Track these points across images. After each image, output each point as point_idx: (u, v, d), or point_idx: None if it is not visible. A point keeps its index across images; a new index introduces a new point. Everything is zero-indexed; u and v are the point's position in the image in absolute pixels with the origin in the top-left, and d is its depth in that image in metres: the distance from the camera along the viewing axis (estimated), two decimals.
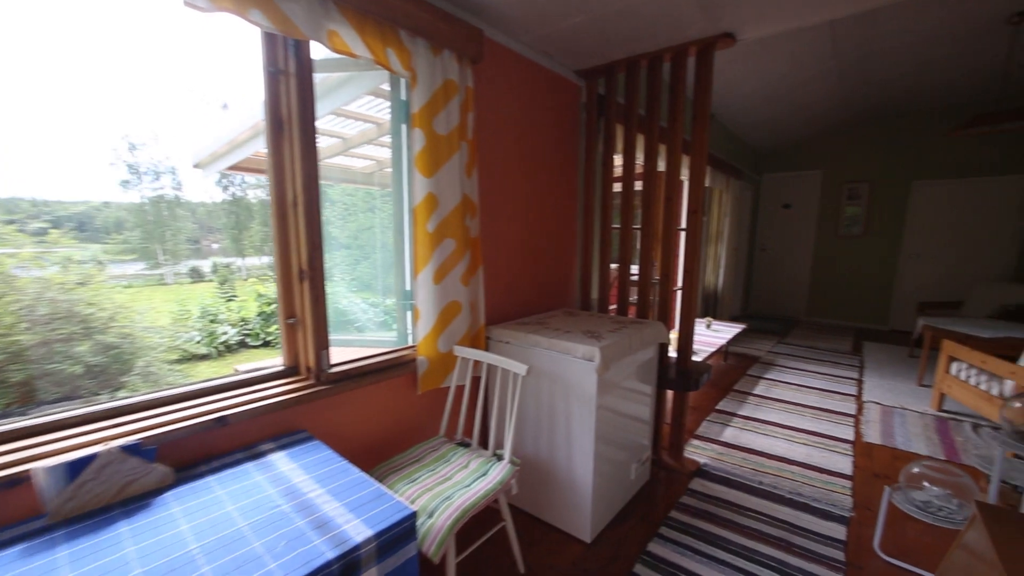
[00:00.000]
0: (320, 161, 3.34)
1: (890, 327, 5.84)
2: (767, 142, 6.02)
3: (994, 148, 5.00)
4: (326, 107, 2.35)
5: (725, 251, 5.21)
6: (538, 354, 1.89)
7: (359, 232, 3.47)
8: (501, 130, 2.13)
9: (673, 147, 2.23)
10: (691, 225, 2.22)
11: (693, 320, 2.29)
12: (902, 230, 5.63)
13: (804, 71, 3.99)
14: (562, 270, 2.64)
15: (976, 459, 1.64)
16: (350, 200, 4.43)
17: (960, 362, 2.95)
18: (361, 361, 1.69)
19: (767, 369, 4.12)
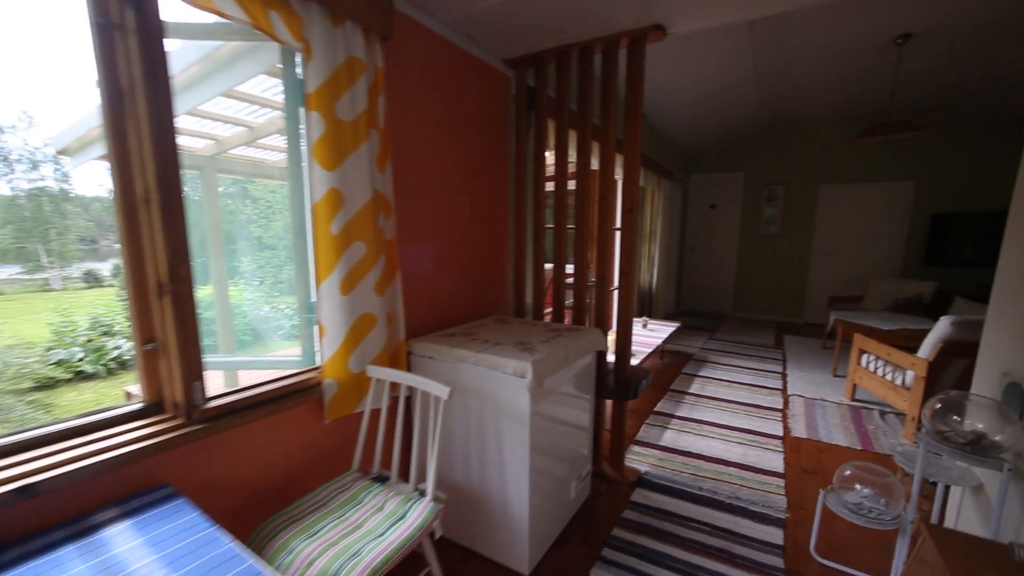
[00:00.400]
0: (223, 153, 2.86)
1: (804, 320, 6.28)
2: (694, 145, 6.24)
3: (886, 156, 5.50)
4: (215, 87, 2.00)
5: (658, 250, 5.31)
6: (465, 370, 1.69)
7: (286, 231, 3.08)
8: (422, 120, 1.91)
9: (606, 144, 2.12)
10: (627, 225, 2.13)
11: (631, 324, 2.20)
12: (813, 230, 6.06)
13: (726, 77, 4.12)
14: (494, 274, 2.46)
15: (900, 460, 1.66)
16: (273, 198, 3.96)
17: (869, 354, 3.13)
18: (251, 390, 1.40)
19: (701, 366, 4.21)
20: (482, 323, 2.14)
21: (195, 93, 2.05)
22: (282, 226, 3.10)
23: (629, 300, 2.17)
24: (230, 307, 2.93)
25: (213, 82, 1.99)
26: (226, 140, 2.84)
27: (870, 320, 3.96)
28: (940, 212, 5.30)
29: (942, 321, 2.53)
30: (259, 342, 3.39)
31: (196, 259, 1.30)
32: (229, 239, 3.72)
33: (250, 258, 3.91)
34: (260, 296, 3.82)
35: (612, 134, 2.10)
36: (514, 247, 2.52)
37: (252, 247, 3.75)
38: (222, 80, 1.96)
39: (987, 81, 4.33)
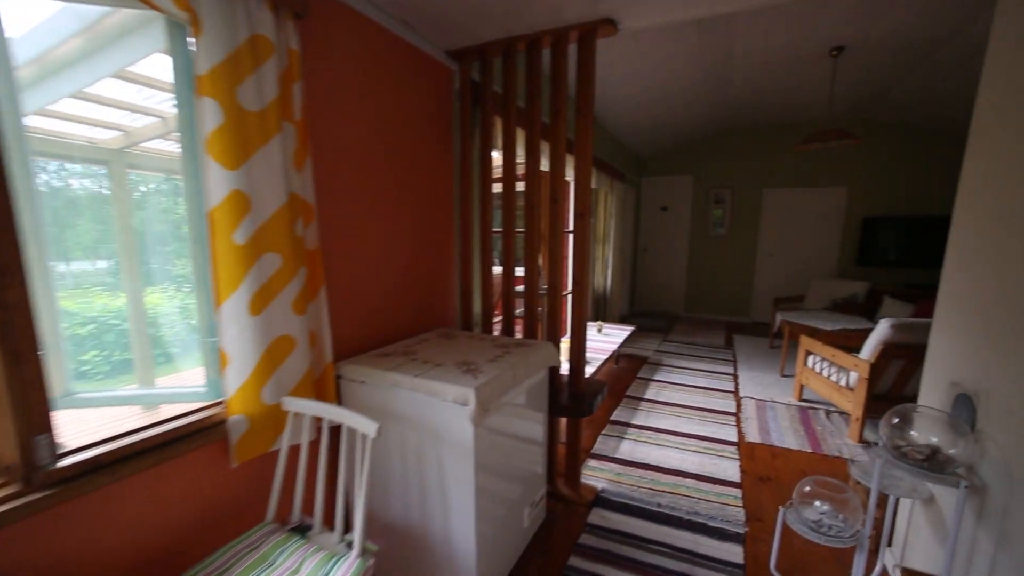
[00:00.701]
0: (133, 146, 2.49)
1: (752, 319, 6.49)
2: (646, 147, 6.31)
3: (823, 162, 5.77)
4: (103, 66, 1.69)
5: (612, 252, 5.29)
6: (401, 397, 1.50)
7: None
8: (351, 114, 1.69)
9: (557, 144, 1.99)
10: (579, 230, 2.00)
11: (584, 335, 2.08)
12: (758, 232, 6.27)
13: (676, 81, 4.14)
14: (438, 283, 2.27)
15: (857, 474, 1.63)
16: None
17: (815, 356, 3.20)
18: (126, 437, 1.14)
19: (655, 370, 4.20)
20: (424, 339, 1.95)
21: (79, 72, 1.73)
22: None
23: (582, 309, 2.05)
24: (147, 319, 2.56)
25: (100, 60, 1.68)
26: (136, 132, 2.48)
27: (813, 320, 4.09)
28: (870, 216, 5.61)
29: (882, 324, 2.59)
30: (171, 363, 3.01)
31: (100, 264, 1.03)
32: (161, 240, 3.31)
33: (184, 261, 3.49)
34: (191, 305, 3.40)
35: (562, 133, 1.97)
36: (460, 253, 2.34)
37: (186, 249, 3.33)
38: (111, 58, 1.65)
39: (903, 96, 4.62)
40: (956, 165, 4.75)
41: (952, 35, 3.39)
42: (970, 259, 1.42)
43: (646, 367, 4.30)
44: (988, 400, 1.25)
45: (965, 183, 1.49)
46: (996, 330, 1.25)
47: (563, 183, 2.01)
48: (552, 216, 2.03)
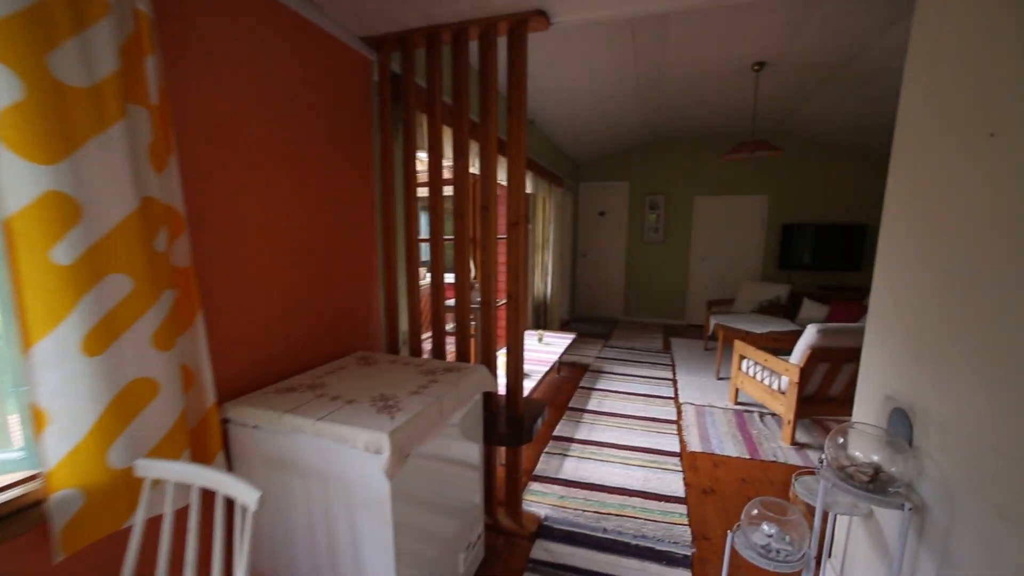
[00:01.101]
0: None
1: (687, 322, 6.71)
2: (583, 153, 6.33)
3: (747, 172, 6.09)
4: None
5: (551, 258, 5.21)
6: (303, 444, 1.24)
7: None
8: (244, 103, 1.41)
9: (487, 145, 1.81)
10: (513, 239, 1.83)
11: (521, 353, 1.91)
12: (690, 237, 6.50)
13: (611, 86, 4.13)
14: (359, 299, 2.00)
15: (803, 494, 1.58)
16: None
17: (749, 360, 3.27)
18: None
19: (597, 378, 4.14)
20: (340, 366, 1.68)
21: None
22: None
23: (519, 326, 1.88)
24: None
25: None
26: None
27: (743, 324, 4.24)
28: (788, 223, 5.99)
29: (809, 330, 2.67)
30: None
31: None
32: None
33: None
34: None
35: (493, 133, 1.79)
36: (383, 265, 2.09)
37: None
38: None
39: (812, 114, 4.96)
40: (861, 177, 5.13)
41: (850, 60, 3.64)
42: (895, 275, 1.42)
43: (588, 375, 4.24)
44: (924, 416, 1.23)
45: (891, 199, 1.49)
46: (926, 347, 1.23)
47: (496, 187, 1.83)
48: (484, 223, 1.84)
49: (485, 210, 1.83)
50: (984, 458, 1.02)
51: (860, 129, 5.13)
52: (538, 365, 3.39)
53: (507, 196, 1.83)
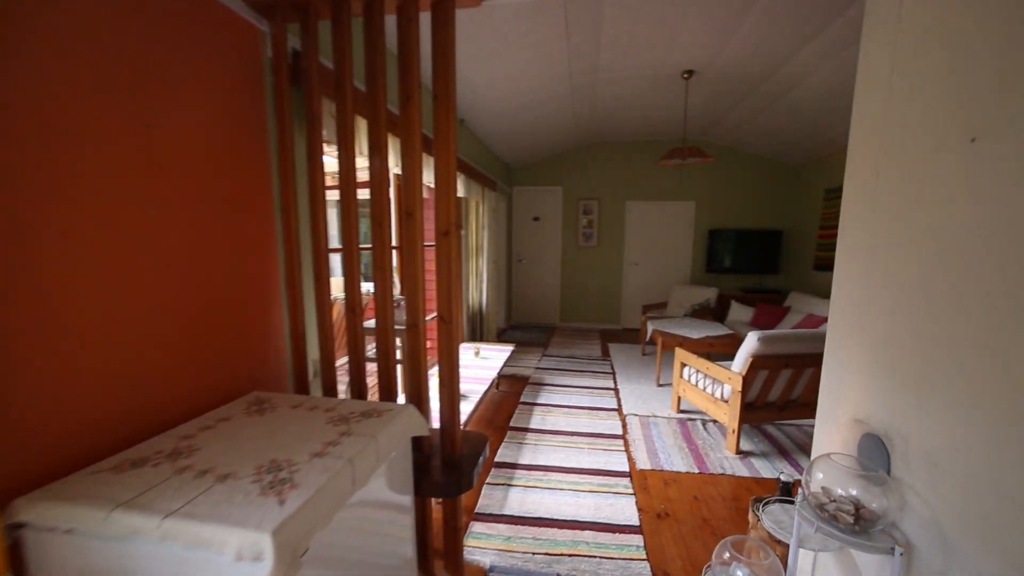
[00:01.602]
0: None
1: (622, 326, 6.77)
2: (516, 156, 6.17)
3: (675, 178, 6.27)
4: None
5: (487, 265, 4.97)
6: (143, 555, 0.87)
7: None
8: (74, 71, 1.00)
9: (409, 140, 1.51)
10: (444, 250, 1.55)
11: (456, 383, 1.63)
12: (623, 242, 6.57)
13: (545, 88, 3.98)
14: (252, 324, 1.61)
15: (768, 523, 1.45)
16: None
17: (690, 367, 3.23)
18: None
19: (538, 391, 3.95)
20: (223, 416, 1.30)
21: None
22: None
23: (452, 352, 1.60)
24: None
25: None
26: None
27: (680, 329, 4.26)
28: (713, 228, 6.24)
29: (750, 338, 2.65)
30: None
31: None
32: None
33: None
34: None
35: (416, 127, 1.50)
36: (285, 282, 1.72)
37: None
38: None
39: (733, 124, 5.19)
40: (775, 186, 5.40)
41: (770, 73, 3.79)
42: (858, 289, 1.33)
43: (528, 388, 4.03)
44: (904, 446, 1.12)
45: (849, 207, 1.41)
46: (903, 369, 1.13)
47: (420, 189, 1.54)
48: (408, 231, 1.54)
49: (409, 216, 1.53)
50: (984, 498, 0.91)
51: (773, 140, 5.44)
52: (476, 383, 3.12)
53: (435, 200, 1.54)
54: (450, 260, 1.51)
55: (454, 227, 1.50)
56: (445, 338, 1.60)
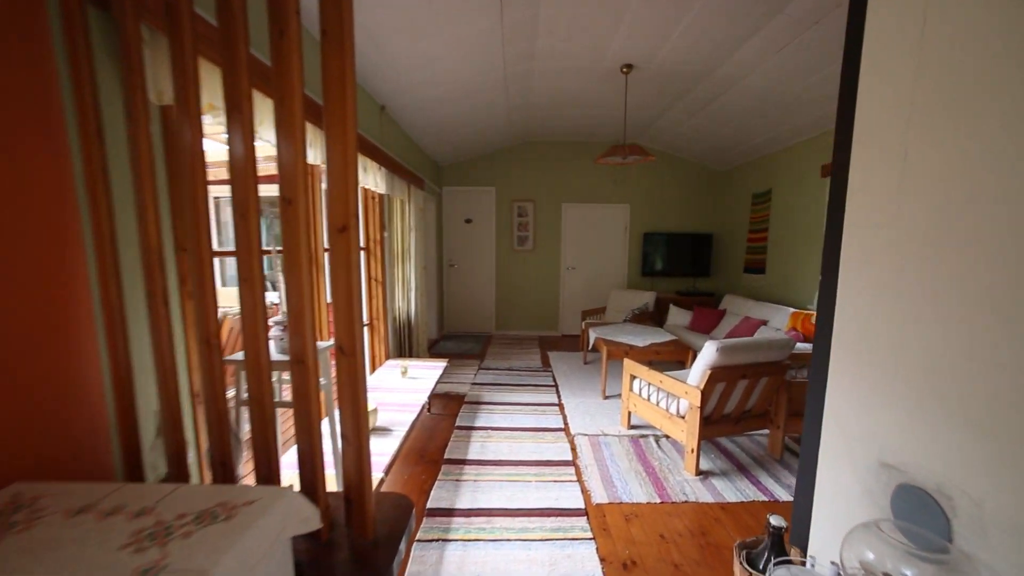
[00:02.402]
0: None
1: (560, 332, 6.53)
2: (446, 153, 5.72)
3: (611, 180, 6.16)
4: None
5: (415, 271, 4.46)
6: None
7: None
8: None
9: (287, 103, 1.03)
10: (340, 254, 1.08)
11: (365, 439, 1.16)
12: (560, 245, 6.35)
13: (478, 76, 3.59)
14: (27, 367, 1.03)
15: None
16: None
17: (640, 380, 2.98)
18: None
19: (476, 412, 3.52)
20: None
21: None
22: None
23: (358, 397, 1.13)
24: None
25: None
26: None
27: (623, 336, 4.05)
28: (648, 231, 6.21)
29: (708, 348, 2.43)
30: None
31: None
32: None
33: None
34: None
35: (294, 77, 1.03)
36: (100, 302, 1.15)
37: None
38: None
39: (665, 127, 5.16)
40: (705, 190, 5.43)
41: (707, 73, 3.70)
42: (884, 302, 1.07)
43: (465, 409, 3.59)
44: (978, 512, 0.85)
45: (857, 199, 1.16)
46: (969, 407, 0.86)
47: (305, 169, 1.07)
48: (286, 225, 1.06)
49: (288, 204, 1.05)
50: None
51: (704, 145, 5.49)
52: (402, 411, 2.63)
53: (328, 184, 1.07)
54: (349, 267, 1.05)
55: (352, 220, 1.04)
56: (346, 377, 1.13)
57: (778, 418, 2.72)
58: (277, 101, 1.04)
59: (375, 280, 3.81)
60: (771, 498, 2.31)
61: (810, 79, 3.42)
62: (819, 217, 4.14)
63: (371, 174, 3.22)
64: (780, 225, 4.77)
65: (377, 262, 3.78)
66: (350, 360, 1.09)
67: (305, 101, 1.08)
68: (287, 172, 1.04)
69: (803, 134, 4.35)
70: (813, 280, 4.23)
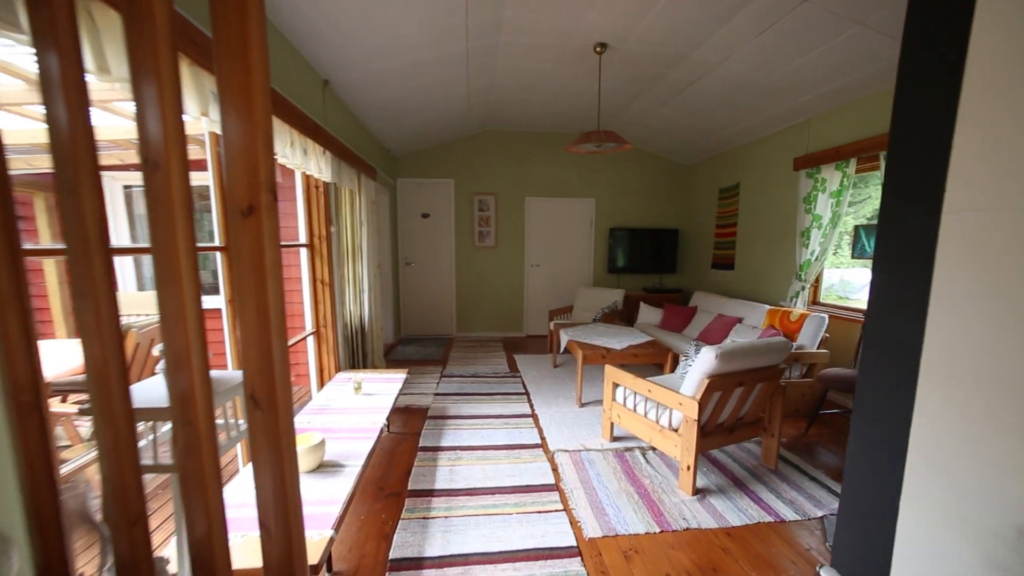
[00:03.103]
0: None
1: (526, 333, 6.23)
2: (400, 141, 5.24)
3: (576, 173, 5.90)
4: None
5: (368, 270, 3.99)
6: None
7: None
8: None
9: (138, 21, 0.62)
10: (243, 249, 0.68)
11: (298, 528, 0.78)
12: (523, 241, 6.03)
13: (437, 47, 3.18)
14: None
15: None
16: None
17: (625, 389, 2.71)
18: None
19: (441, 428, 3.13)
20: None
21: None
22: None
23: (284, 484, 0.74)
24: None
25: None
26: None
27: (596, 337, 3.80)
28: (614, 226, 6.02)
29: (706, 354, 2.19)
30: None
31: None
32: None
33: None
34: None
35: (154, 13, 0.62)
36: None
37: None
38: None
39: (635, 116, 4.97)
40: (671, 184, 5.29)
41: (682, 57, 3.49)
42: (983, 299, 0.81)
43: (428, 425, 3.19)
44: None
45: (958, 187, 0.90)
46: None
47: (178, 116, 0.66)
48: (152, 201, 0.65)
49: (154, 171, 0.64)
50: None
51: (671, 138, 5.35)
52: (356, 438, 2.20)
53: (225, 150, 0.67)
54: (263, 269, 0.65)
55: (268, 199, 0.64)
56: (263, 441, 0.73)
57: (772, 426, 2.54)
58: (132, 36, 0.63)
59: (321, 282, 3.32)
60: (776, 517, 2.11)
61: (787, 67, 3.29)
62: (792, 211, 4.08)
63: (313, 158, 2.75)
64: (749, 220, 4.70)
65: (323, 261, 3.29)
66: (267, 416, 0.70)
67: (183, 28, 0.67)
68: (148, 124, 0.63)
69: (774, 126, 4.28)
70: (785, 275, 4.16)
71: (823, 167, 3.68)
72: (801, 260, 3.86)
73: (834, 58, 3.07)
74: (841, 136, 3.56)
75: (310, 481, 1.79)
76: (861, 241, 3.56)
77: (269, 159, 0.63)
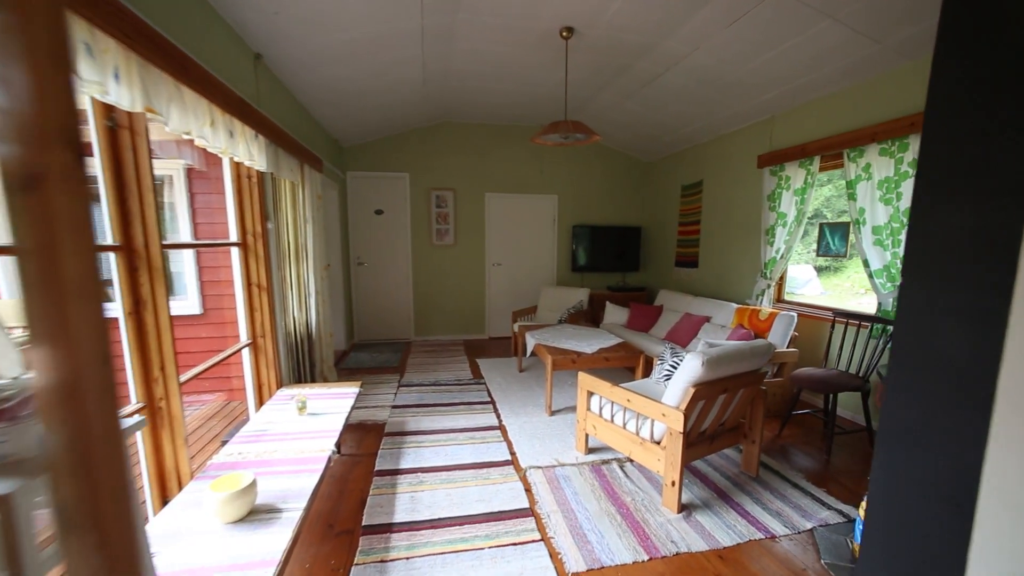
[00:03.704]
0: None
1: (488, 335, 5.97)
2: (350, 130, 4.82)
3: (537, 168, 5.70)
4: None
5: (315, 272, 3.59)
6: None
7: None
8: None
9: None
10: (30, 235, 0.41)
11: None
12: (484, 239, 5.76)
13: (386, 24, 2.85)
14: None
15: None
16: None
17: (601, 398, 2.52)
18: None
19: (400, 448, 2.82)
20: None
21: None
22: None
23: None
24: None
25: None
26: None
27: (567, 341, 3.60)
28: (577, 224, 5.88)
29: (691, 362, 2.03)
30: None
31: None
32: None
33: None
34: None
35: None
36: None
37: None
38: None
39: (598, 111, 4.83)
40: (634, 181, 5.17)
41: (652, 46, 3.35)
42: None
43: (386, 444, 2.87)
44: None
45: None
46: None
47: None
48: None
49: None
50: None
51: (632, 133, 5.25)
52: (298, 472, 1.87)
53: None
54: (62, 283, 0.36)
55: (71, 157, 0.35)
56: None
57: (753, 432, 2.43)
58: None
59: (257, 286, 2.91)
60: (767, 533, 1.98)
61: (756, 61, 3.22)
62: (756, 209, 4.06)
63: (242, 142, 2.35)
64: (713, 217, 4.68)
65: (259, 262, 2.88)
66: (93, 550, 0.41)
67: None
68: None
69: (739, 123, 4.25)
70: (749, 273, 4.15)
71: (787, 164, 3.66)
72: (766, 258, 3.85)
73: (803, 53, 3.02)
74: (805, 134, 3.55)
75: (237, 535, 1.46)
76: (826, 239, 3.57)
77: (67, 89, 0.34)
